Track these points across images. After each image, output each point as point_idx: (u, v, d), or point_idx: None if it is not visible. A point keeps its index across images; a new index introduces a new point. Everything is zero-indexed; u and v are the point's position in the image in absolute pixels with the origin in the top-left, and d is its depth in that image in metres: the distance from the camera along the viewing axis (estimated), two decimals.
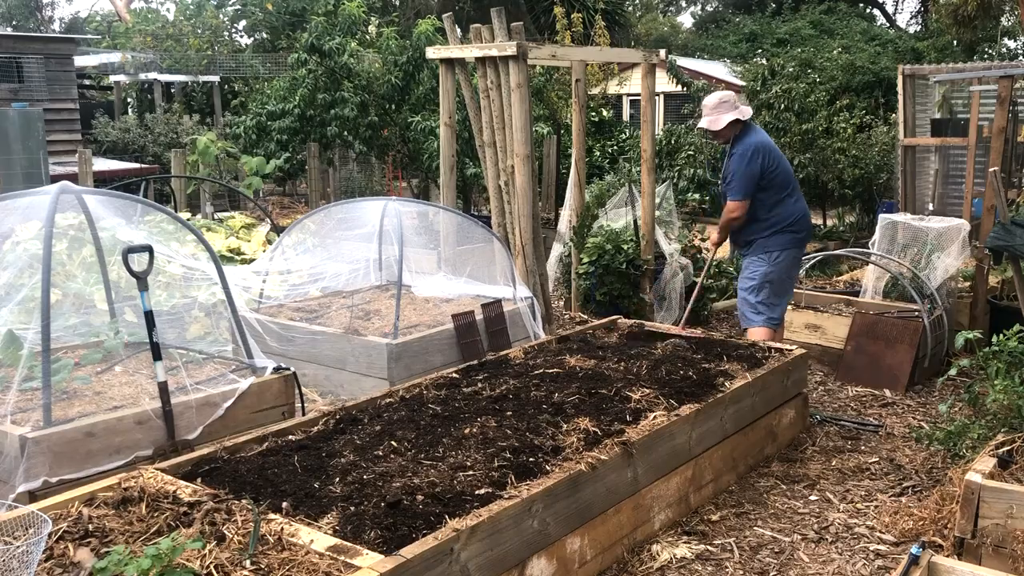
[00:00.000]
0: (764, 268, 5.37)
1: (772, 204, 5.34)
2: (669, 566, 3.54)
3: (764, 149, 5.27)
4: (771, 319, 5.39)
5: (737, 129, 5.35)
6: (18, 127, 10.54)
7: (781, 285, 5.43)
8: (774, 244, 5.35)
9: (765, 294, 5.37)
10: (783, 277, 5.41)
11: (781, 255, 5.35)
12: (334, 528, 2.86)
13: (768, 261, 5.36)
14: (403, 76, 11.89)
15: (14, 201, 4.22)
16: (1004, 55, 19.90)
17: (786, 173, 5.39)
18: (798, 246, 5.45)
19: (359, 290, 6.56)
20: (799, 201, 5.44)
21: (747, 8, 31.62)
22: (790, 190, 5.38)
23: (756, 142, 5.28)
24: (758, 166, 5.24)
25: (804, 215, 5.47)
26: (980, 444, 3.97)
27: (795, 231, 5.38)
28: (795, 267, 5.55)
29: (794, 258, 5.46)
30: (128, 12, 24.97)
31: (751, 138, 5.31)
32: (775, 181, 5.31)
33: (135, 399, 4.00)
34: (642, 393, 4.17)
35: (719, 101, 5.37)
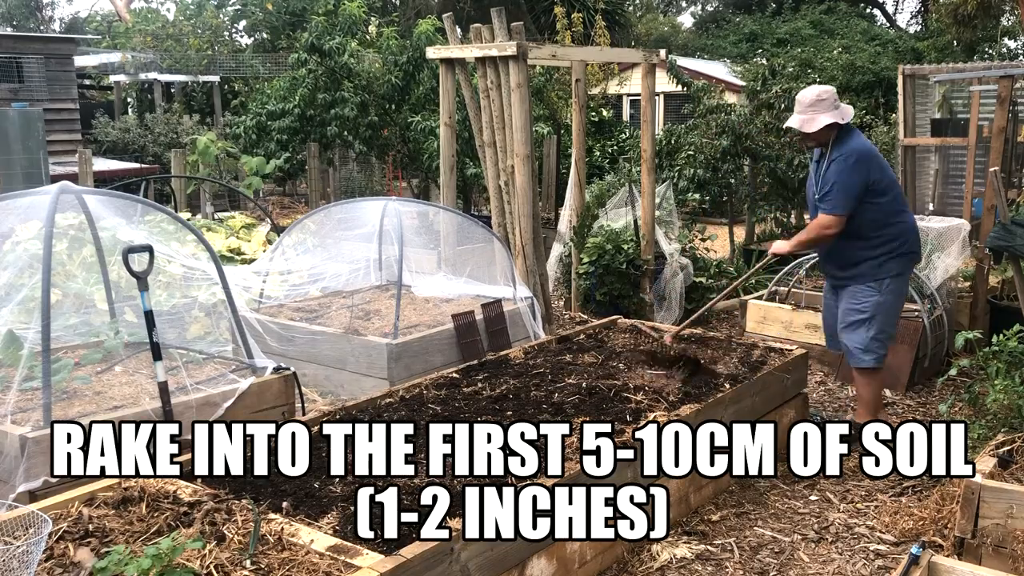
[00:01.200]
0: (876, 297, 4.61)
1: (882, 221, 4.58)
2: (669, 566, 3.54)
3: (869, 157, 4.55)
4: (881, 358, 4.69)
5: (833, 133, 4.61)
6: (18, 127, 10.54)
7: (893, 316, 4.71)
8: (887, 270, 4.60)
9: (878, 327, 4.63)
10: (895, 307, 4.71)
11: (893, 282, 4.63)
12: (334, 528, 2.87)
13: (880, 289, 4.61)
14: (403, 76, 11.89)
15: (14, 201, 4.22)
16: (1004, 55, 19.91)
17: (895, 184, 4.66)
18: (908, 270, 4.78)
19: (359, 290, 6.56)
20: (910, 217, 4.74)
21: (747, 8, 31.62)
22: (900, 204, 4.65)
23: (860, 148, 4.56)
24: (862, 176, 4.49)
25: (916, 233, 4.74)
26: (980, 444, 3.97)
27: (912, 252, 4.72)
28: (905, 292, 4.82)
29: (905, 283, 4.78)
30: (128, 12, 24.96)
31: (853, 143, 4.58)
32: (885, 194, 4.56)
33: (135, 399, 4.00)
34: (642, 393, 4.17)
35: (815, 98, 4.60)
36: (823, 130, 4.58)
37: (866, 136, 11.64)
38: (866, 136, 11.64)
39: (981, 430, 4.11)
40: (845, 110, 4.63)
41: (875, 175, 4.52)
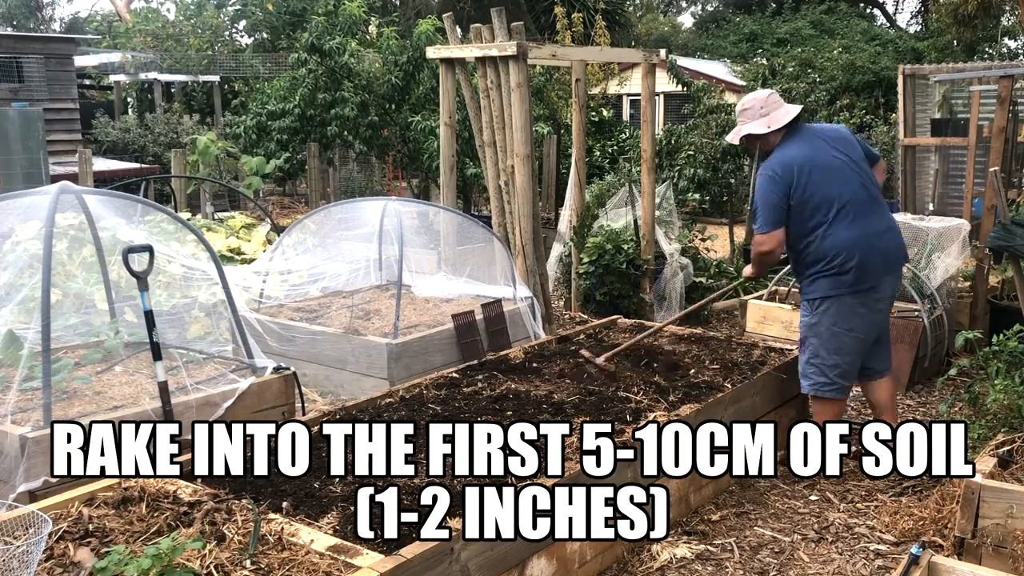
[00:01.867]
0: (807, 318, 4.32)
1: (803, 236, 4.23)
2: (669, 566, 3.54)
3: (790, 167, 4.16)
4: (820, 386, 4.29)
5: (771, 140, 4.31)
6: (18, 127, 10.54)
7: (831, 340, 4.23)
8: (817, 289, 4.25)
9: (811, 352, 4.31)
10: (834, 331, 4.22)
11: (827, 304, 4.21)
12: (334, 528, 2.87)
13: (811, 310, 4.28)
14: (403, 76, 11.90)
15: (14, 201, 4.22)
16: (1004, 55, 19.90)
17: (820, 195, 4.16)
18: (850, 289, 4.17)
19: (359, 290, 6.56)
20: (843, 231, 4.15)
21: (747, 8, 31.63)
22: (829, 218, 4.17)
23: (780, 161, 4.21)
24: (781, 190, 4.15)
25: (844, 249, 4.14)
26: (980, 444, 3.97)
27: (832, 272, 4.17)
28: (852, 316, 4.21)
29: (847, 305, 4.19)
30: (128, 12, 24.96)
31: (778, 154, 4.26)
32: (809, 208, 4.18)
33: (135, 399, 4.00)
34: (642, 393, 4.17)
35: (740, 109, 4.43)
36: (750, 141, 4.37)
37: (865, 136, 11.71)
38: (865, 136, 11.71)
39: (981, 430, 4.11)
40: (775, 116, 4.27)
41: (796, 187, 4.14)
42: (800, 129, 4.32)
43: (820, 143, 4.27)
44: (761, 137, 4.32)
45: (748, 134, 4.33)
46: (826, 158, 4.22)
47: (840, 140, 4.34)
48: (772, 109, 4.30)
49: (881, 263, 4.21)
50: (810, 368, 4.33)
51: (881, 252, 4.21)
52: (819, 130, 4.40)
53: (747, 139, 4.37)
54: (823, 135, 4.34)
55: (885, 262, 4.24)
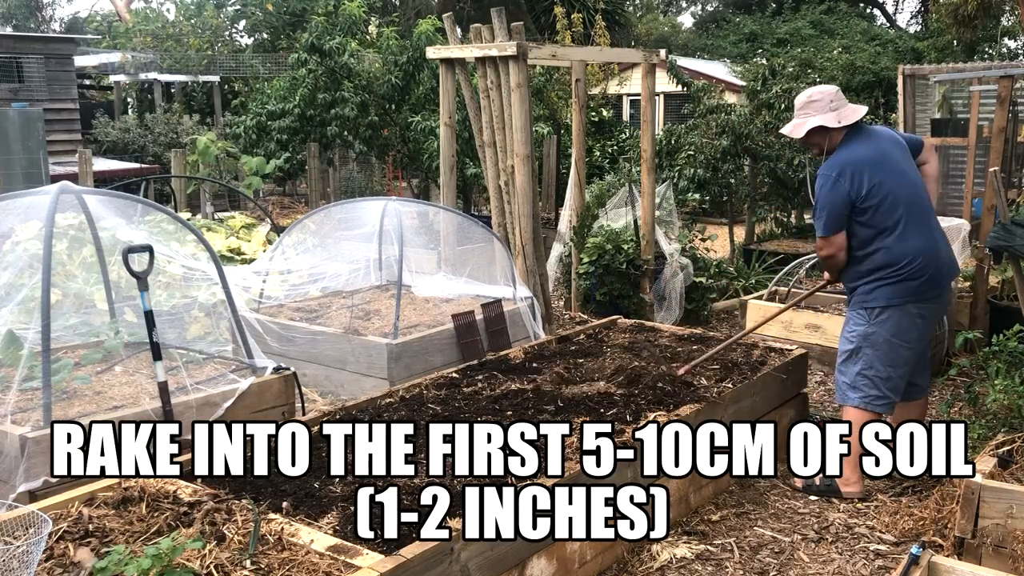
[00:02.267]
0: (863, 328, 4.07)
1: (868, 241, 4.02)
2: (669, 566, 3.54)
3: (855, 168, 3.98)
4: (872, 399, 4.05)
5: (834, 138, 4.11)
6: (18, 127, 10.54)
7: (889, 352, 4.03)
8: (878, 297, 4.02)
9: (864, 363, 4.06)
10: (892, 342, 4.02)
11: (885, 312, 4.01)
12: (334, 528, 2.87)
13: (869, 319, 4.05)
14: (403, 76, 11.90)
15: (14, 201, 4.22)
16: (1004, 55, 19.91)
17: (890, 199, 3.97)
18: (914, 297, 4.00)
19: (359, 290, 6.57)
20: (912, 237, 3.99)
21: (747, 8, 31.64)
22: (896, 223, 3.98)
23: (843, 161, 4.02)
24: (843, 192, 3.96)
25: (918, 255, 3.97)
26: (980, 444, 3.97)
27: (906, 278, 3.97)
28: (912, 328, 4.03)
29: (909, 315, 4.01)
30: (128, 12, 24.96)
31: (842, 154, 4.06)
32: (872, 211, 3.97)
33: (135, 399, 4.00)
34: (641, 393, 4.17)
35: (807, 100, 4.17)
36: (813, 136, 4.15)
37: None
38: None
39: (981, 430, 4.12)
40: (844, 112, 4.09)
41: (860, 189, 3.96)
42: (861, 130, 4.14)
43: (883, 145, 4.10)
44: (828, 133, 4.11)
45: (819, 126, 4.08)
46: (891, 161, 4.05)
47: (900, 144, 4.19)
48: (841, 105, 4.12)
49: (946, 272, 4.12)
50: (862, 380, 4.07)
51: (945, 261, 4.12)
52: (879, 132, 4.22)
53: (813, 133, 4.13)
54: (885, 137, 4.17)
55: (948, 272, 4.16)
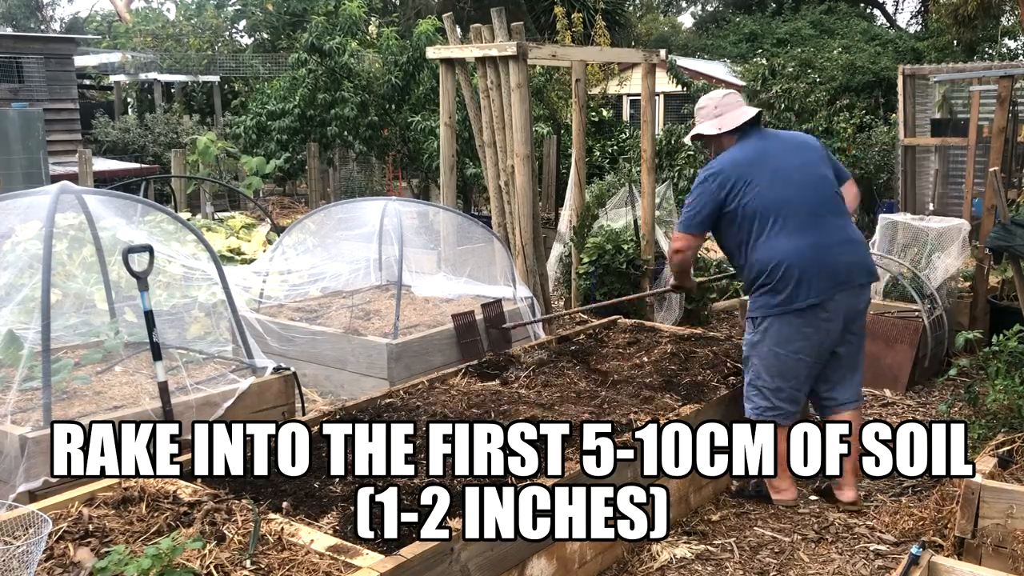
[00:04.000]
0: (749, 335, 3.99)
1: (741, 246, 3.90)
2: (669, 566, 3.54)
3: (728, 170, 3.86)
4: (763, 410, 3.94)
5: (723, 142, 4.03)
6: (18, 127, 10.54)
7: (774, 362, 3.88)
8: (755, 307, 3.93)
9: (752, 373, 3.98)
10: (776, 352, 3.86)
11: (765, 322, 3.87)
12: (334, 528, 2.87)
13: (754, 327, 3.95)
14: (403, 76, 11.90)
15: (14, 201, 4.22)
16: (1004, 55, 19.90)
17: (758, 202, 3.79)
18: (788, 306, 3.78)
19: (359, 290, 6.57)
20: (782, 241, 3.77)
21: (747, 8, 31.62)
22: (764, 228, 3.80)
23: (720, 162, 3.94)
24: (710, 193, 3.87)
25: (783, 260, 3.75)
26: (980, 444, 3.97)
27: (774, 287, 3.79)
28: (796, 337, 3.82)
29: (790, 324, 3.81)
30: (128, 12, 24.96)
31: (722, 157, 3.98)
32: (745, 215, 3.82)
33: (135, 399, 4.00)
34: (642, 393, 4.17)
35: (697, 108, 4.19)
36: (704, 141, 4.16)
37: (866, 136, 11.69)
38: (866, 136, 11.69)
39: (981, 430, 4.11)
40: (726, 118, 3.98)
41: (734, 192, 3.82)
42: (756, 133, 4.00)
43: (775, 148, 3.95)
44: (714, 139, 4.04)
45: (698, 134, 4.10)
46: (777, 164, 3.87)
47: (801, 146, 4.02)
48: (726, 110, 4.01)
49: (827, 277, 3.76)
50: (752, 390, 3.98)
51: (828, 265, 3.77)
52: (777, 135, 4.12)
53: (698, 140, 4.16)
54: (781, 140, 4.05)
55: (833, 276, 3.78)
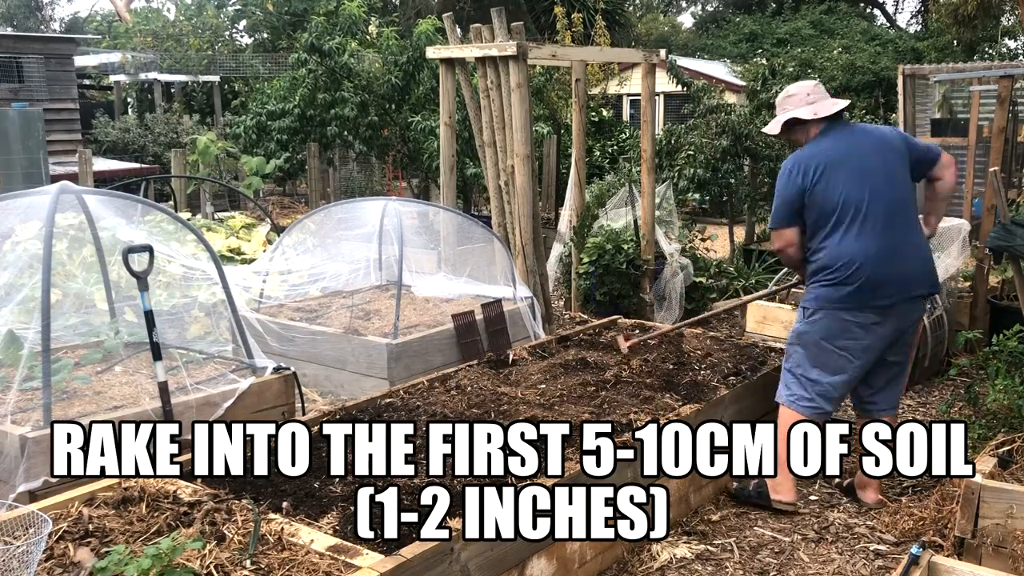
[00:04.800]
0: (800, 325, 3.99)
1: (814, 239, 3.91)
2: (669, 566, 3.54)
3: (811, 163, 3.84)
4: (797, 399, 3.94)
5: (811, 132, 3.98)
6: (18, 127, 10.55)
7: (819, 355, 3.90)
8: (809, 298, 3.94)
9: (794, 361, 4.00)
10: (822, 345, 3.88)
11: (817, 314, 3.89)
12: (334, 528, 2.87)
13: (804, 317, 3.97)
14: (403, 76, 11.90)
15: (14, 201, 4.22)
16: (1004, 55, 19.91)
17: (840, 198, 3.79)
18: (845, 304, 3.80)
19: (359, 290, 6.57)
20: (858, 241, 3.77)
21: (747, 8, 31.63)
22: (841, 223, 3.80)
23: (805, 155, 3.91)
24: (795, 186, 3.85)
25: (855, 260, 3.76)
26: (980, 444, 3.97)
27: (833, 282, 3.80)
28: (844, 334, 3.84)
29: (841, 321, 3.83)
30: (128, 12, 24.96)
31: (807, 148, 3.95)
32: (819, 208, 3.83)
33: (135, 399, 4.00)
34: (642, 393, 4.17)
35: (784, 96, 4.08)
36: (793, 132, 4.03)
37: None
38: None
39: (981, 430, 4.11)
40: (821, 105, 3.95)
41: (814, 185, 3.81)
42: (841, 126, 3.98)
43: (858, 142, 3.91)
44: (804, 125, 3.97)
45: (793, 118, 3.97)
46: (858, 160, 3.85)
47: (884, 144, 3.94)
48: (818, 98, 3.98)
49: (892, 284, 3.78)
50: (790, 377, 4.00)
51: (896, 273, 3.78)
52: (862, 129, 4.05)
53: (790, 125, 4.00)
54: (866, 135, 3.98)
55: (898, 284, 3.79)
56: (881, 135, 4.02)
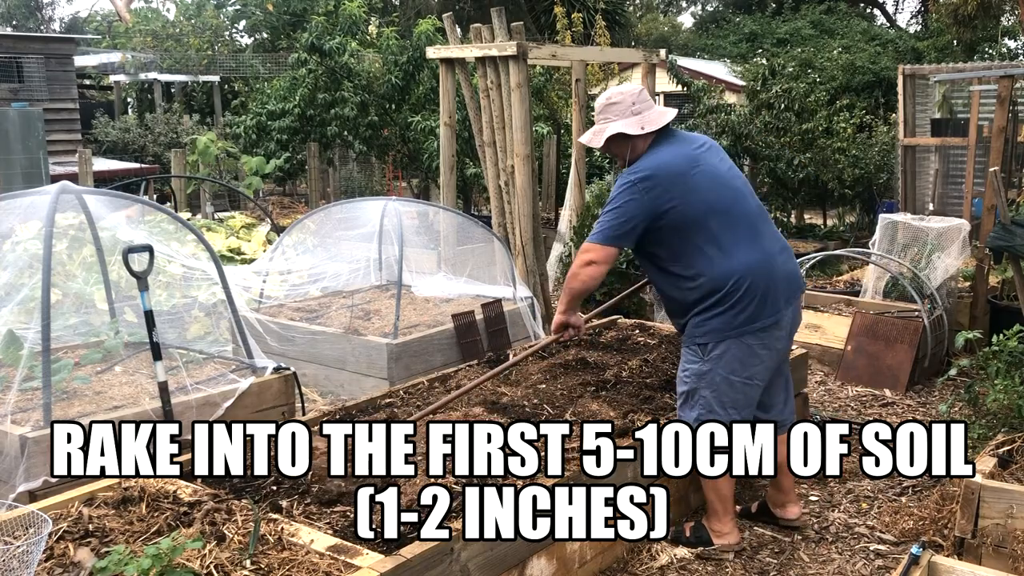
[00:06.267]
0: (695, 366, 3.49)
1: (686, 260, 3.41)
2: (669, 566, 3.54)
3: (655, 179, 3.36)
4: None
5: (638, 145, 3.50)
6: (18, 127, 10.54)
7: (730, 393, 3.46)
8: (701, 332, 3.44)
9: (701, 408, 3.50)
10: (731, 380, 3.45)
11: (720, 347, 3.41)
12: (334, 528, 2.86)
13: (703, 355, 3.46)
14: (403, 76, 11.90)
15: (14, 201, 4.22)
16: (1004, 55, 19.90)
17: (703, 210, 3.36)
18: (750, 326, 3.39)
19: (359, 290, 6.57)
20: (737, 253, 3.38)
21: (747, 8, 31.63)
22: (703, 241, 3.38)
23: (654, 165, 3.41)
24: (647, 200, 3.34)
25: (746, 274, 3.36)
26: (980, 444, 3.97)
27: (735, 303, 3.36)
28: (753, 361, 3.44)
29: (747, 347, 3.41)
30: (128, 12, 24.97)
31: (649, 158, 3.45)
32: (688, 223, 3.36)
33: (135, 399, 4.00)
34: (642, 393, 4.17)
35: (605, 103, 3.55)
36: (615, 144, 3.51)
37: (866, 135, 11.69)
38: (866, 135, 11.69)
39: (981, 430, 4.11)
40: (648, 116, 3.47)
41: (673, 198, 3.34)
42: (670, 134, 3.54)
43: (700, 151, 3.51)
44: (631, 139, 3.49)
45: (618, 133, 3.48)
46: (709, 168, 3.46)
47: (718, 148, 3.63)
48: (645, 108, 3.51)
49: (783, 291, 3.47)
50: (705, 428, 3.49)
51: (783, 277, 3.47)
52: (689, 137, 3.63)
53: (614, 140, 3.51)
54: (695, 141, 3.58)
55: (788, 289, 3.50)
56: (708, 140, 3.67)
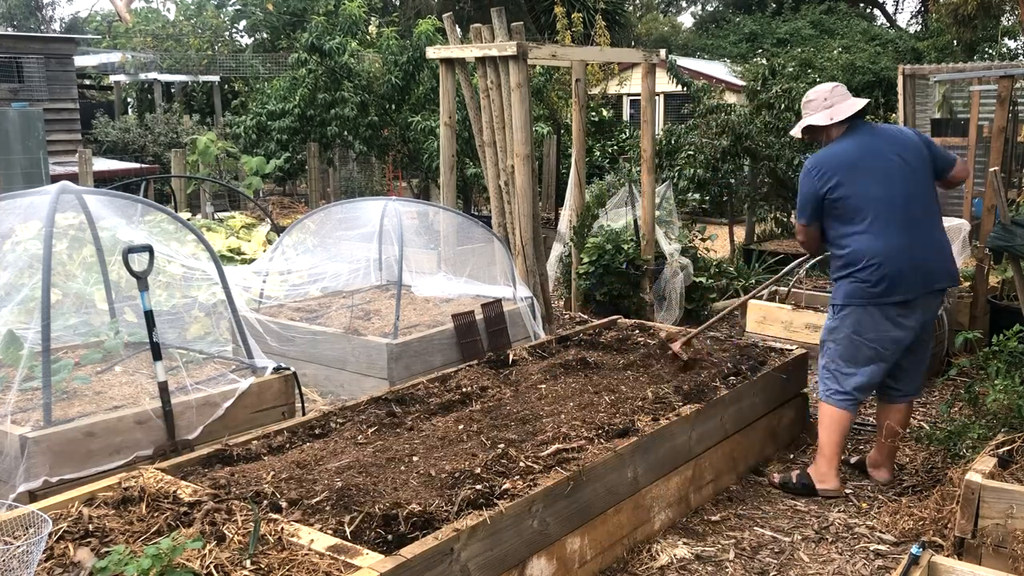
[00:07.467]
0: (829, 322, 4.20)
1: (840, 238, 4.07)
2: (669, 566, 3.54)
3: (828, 164, 4.03)
4: (832, 393, 4.15)
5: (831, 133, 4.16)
6: (18, 127, 10.54)
7: (851, 349, 4.08)
8: (838, 294, 4.11)
9: (827, 357, 4.20)
10: (853, 339, 4.06)
11: (849, 312, 4.06)
12: (334, 528, 2.86)
13: (834, 314, 4.16)
14: (403, 76, 11.90)
15: (14, 201, 4.22)
16: (1004, 55, 19.91)
17: (858, 198, 3.97)
18: (872, 300, 3.97)
19: (359, 290, 6.57)
20: (880, 239, 3.95)
21: (747, 8, 31.64)
22: (864, 222, 3.97)
23: (822, 156, 4.10)
24: (812, 187, 4.04)
25: (877, 257, 3.94)
26: (980, 444, 3.97)
27: (859, 279, 3.98)
28: (874, 327, 4.02)
29: (870, 315, 4.00)
30: (128, 12, 24.97)
31: (825, 150, 4.14)
32: (840, 208, 4.02)
33: (135, 399, 4.00)
34: (642, 393, 4.17)
35: (805, 101, 4.29)
36: (814, 134, 4.24)
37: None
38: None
39: (981, 430, 4.11)
40: (837, 109, 4.12)
41: (833, 185, 3.99)
42: (860, 126, 4.14)
43: (877, 142, 4.07)
44: (823, 130, 4.17)
45: (809, 126, 4.18)
46: (877, 159, 4.02)
47: (901, 142, 4.11)
48: (836, 101, 4.14)
49: (917, 279, 3.97)
50: (826, 373, 4.20)
51: (920, 268, 3.98)
52: (880, 130, 4.21)
53: (808, 131, 4.23)
54: (883, 135, 4.14)
55: (922, 279, 3.99)
56: (900, 134, 4.19)
